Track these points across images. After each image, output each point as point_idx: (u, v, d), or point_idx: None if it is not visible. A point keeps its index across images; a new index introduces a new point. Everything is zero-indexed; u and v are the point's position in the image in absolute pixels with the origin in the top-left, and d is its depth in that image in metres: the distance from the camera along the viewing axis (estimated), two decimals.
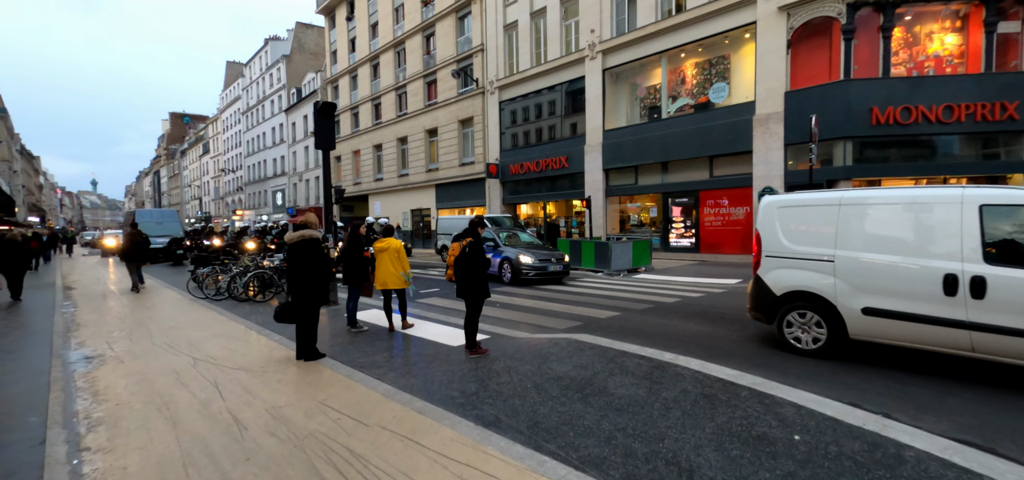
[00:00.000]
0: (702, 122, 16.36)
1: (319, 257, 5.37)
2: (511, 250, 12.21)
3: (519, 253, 11.94)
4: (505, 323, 7.35)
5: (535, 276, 11.68)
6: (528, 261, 11.68)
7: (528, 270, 11.63)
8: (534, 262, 11.71)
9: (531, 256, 11.82)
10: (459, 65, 26.02)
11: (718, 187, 16.33)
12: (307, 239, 5.31)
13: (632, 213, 19.49)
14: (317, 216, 15.53)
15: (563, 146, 21.12)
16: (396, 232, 16.49)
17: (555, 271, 11.96)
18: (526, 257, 11.76)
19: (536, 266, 11.70)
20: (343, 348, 6.05)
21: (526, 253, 11.95)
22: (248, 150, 55.02)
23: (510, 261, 11.83)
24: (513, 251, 12.10)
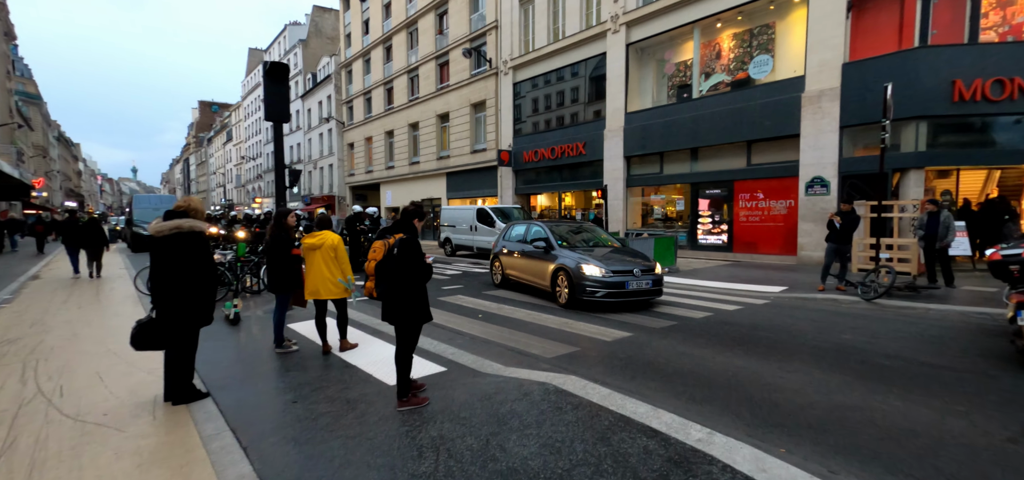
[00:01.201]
0: (739, 102, 14.18)
1: (200, 259, 3.77)
2: (569, 255, 8.15)
3: (582, 260, 7.82)
4: (476, 344, 5.64)
5: (607, 297, 7.44)
6: (595, 273, 7.53)
7: (595, 286, 7.46)
8: (604, 274, 7.50)
9: (600, 264, 7.65)
10: (472, 44, 24.27)
11: (756, 176, 14.15)
12: (184, 232, 3.72)
13: (656, 206, 17.44)
14: (333, 204, 13.30)
15: (581, 131, 19.16)
16: (381, 222, 14.68)
17: (639, 289, 7.63)
18: (592, 266, 7.63)
19: (607, 280, 7.45)
20: (246, 380, 4.46)
21: (592, 259, 7.80)
22: (267, 137, 54.71)
23: (567, 271, 7.85)
24: (572, 256, 8.02)
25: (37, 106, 66.56)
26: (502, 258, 10.20)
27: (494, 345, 5.62)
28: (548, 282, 8.40)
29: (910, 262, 10.46)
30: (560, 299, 8.02)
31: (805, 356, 5.05)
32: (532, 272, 9.00)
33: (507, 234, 10.60)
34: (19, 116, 50.66)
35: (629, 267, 7.76)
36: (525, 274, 9.26)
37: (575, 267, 7.74)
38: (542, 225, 9.50)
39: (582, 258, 7.87)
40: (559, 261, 8.14)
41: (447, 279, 11.53)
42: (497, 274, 10.37)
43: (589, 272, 7.57)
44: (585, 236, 9.55)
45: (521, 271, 9.45)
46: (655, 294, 7.98)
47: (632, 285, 7.59)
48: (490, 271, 10.78)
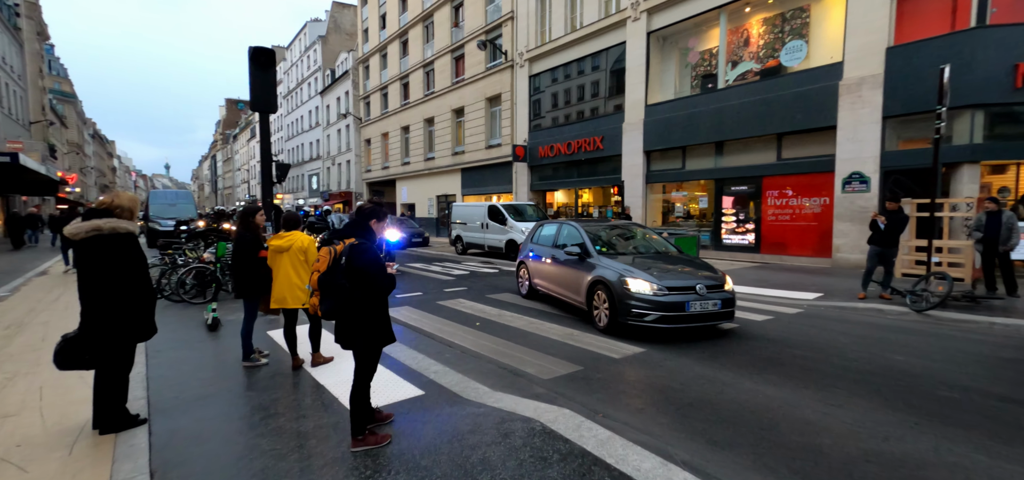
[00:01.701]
0: (769, 91, 13.15)
1: (125, 265, 3.22)
2: (610, 265, 6.31)
3: (627, 271, 5.98)
4: (465, 360, 4.98)
5: (661, 322, 5.57)
6: (643, 289, 5.69)
7: (643, 307, 5.62)
8: (655, 291, 5.64)
9: (651, 278, 5.78)
10: (487, 36, 23.62)
11: (787, 172, 13.11)
12: (103, 235, 3.17)
13: (677, 203, 16.50)
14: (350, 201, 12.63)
15: (599, 124, 18.31)
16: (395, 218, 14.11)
17: (703, 313, 5.69)
18: (640, 280, 5.78)
19: (661, 300, 5.58)
20: (198, 402, 3.92)
21: (640, 271, 5.95)
22: (288, 134, 55.28)
23: (607, 286, 6.04)
24: (614, 267, 6.20)
25: (72, 104, 68.75)
26: (529, 264, 8.61)
27: (485, 362, 4.96)
28: (583, 298, 6.57)
29: (963, 267, 9.40)
30: (598, 321, 6.18)
31: (851, 383, 4.24)
32: (564, 284, 7.22)
33: (536, 236, 8.92)
34: (53, 114, 52.34)
35: (690, 282, 5.83)
36: (556, 286, 7.54)
37: (617, 281, 5.90)
38: (577, 226, 7.63)
39: (626, 269, 6.03)
40: (597, 272, 6.33)
41: (452, 280, 10.93)
42: (523, 283, 8.80)
43: (636, 288, 5.70)
44: (631, 240, 7.69)
45: (552, 282, 7.70)
46: (724, 318, 5.88)
47: (695, 306, 5.59)
48: (516, 279, 9.28)
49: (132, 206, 3.32)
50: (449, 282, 10.59)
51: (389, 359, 4.87)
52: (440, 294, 9.04)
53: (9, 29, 35.34)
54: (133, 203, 3.34)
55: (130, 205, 3.31)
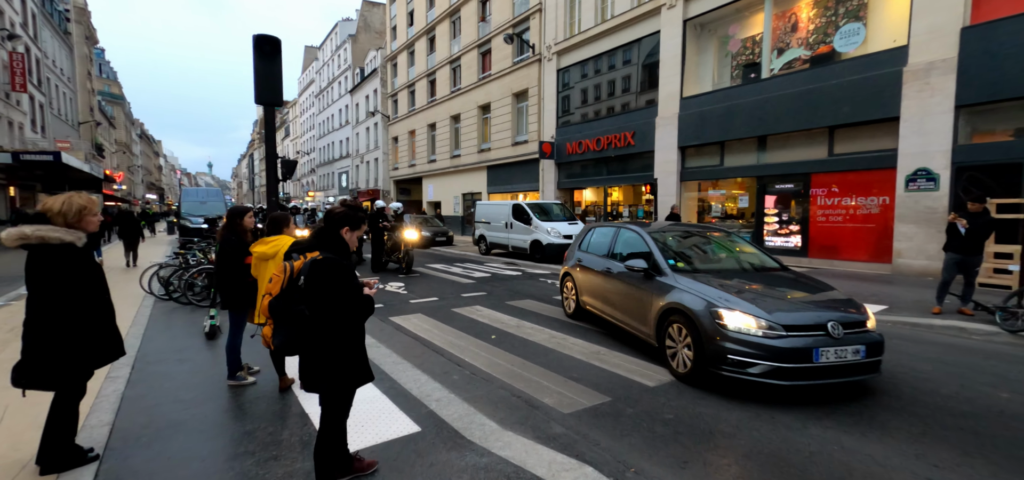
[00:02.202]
0: (820, 80, 11.98)
1: (56, 281, 2.72)
2: (692, 287, 4.59)
3: (719, 299, 4.29)
4: (474, 384, 4.35)
5: (775, 376, 3.84)
6: (746, 325, 4.00)
7: (747, 352, 3.91)
8: (766, 329, 3.94)
9: (757, 309, 4.07)
10: (515, 29, 22.96)
11: (840, 168, 11.92)
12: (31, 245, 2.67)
13: (714, 202, 15.42)
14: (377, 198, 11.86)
15: (630, 119, 17.38)
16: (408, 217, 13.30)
17: (840, 363, 3.89)
18: (740, 312, 4.08)
19: (775, 343, 3.86)
20: (164, 432, 3.43)
21: (738, 299, 4.24)
22: (319, 132, 56.18)
23: (691, 318, 4.36)
24: (699, 290, 4.50)
25: (120, 105, 72.03)
26: (576, 276, 6.94)
27: (497, 387, 4.32)
28: (652, 329, 4.86)
29: None
30: (675, 364, 4.50)
31: (950, 432, 3.39)
32: (624, 308, 5.53)
33: (585, 242, 7.19)
34: (102, 115, 54.86)
35: (816, 316, 4.02)
36: (613, 309, 5.83)
37: (705, 311, 4.21)
38: (639, 231, 5.88)
39: (719, 295, 4.28)
40: (673, 296, 4.60)
41: (471, 283, 10.35)
42: (569, 299, 7.17)
43: (735, 324, 4.00)
44: (712, 250, 5.93)
45: (607, 303, 6.00)
46: (870, 370, 4.03)
47: (827, 355, 3.80)
48: (560, 293, 7.65)
49: (67, 211, 2.77)
50: (468, 286, 10.01)
51: (388, 380, 4.29)
52: (457, 300, 8.46)
53: (59, 34, 36.98)
54: (70, 208, 2.78)
55: (63, 209, 2.77)
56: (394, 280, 10.75)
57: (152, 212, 37.40)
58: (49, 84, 33.10)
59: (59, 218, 2.74)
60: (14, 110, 25.60)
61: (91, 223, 2.92)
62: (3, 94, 24.14)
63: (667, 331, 4.70)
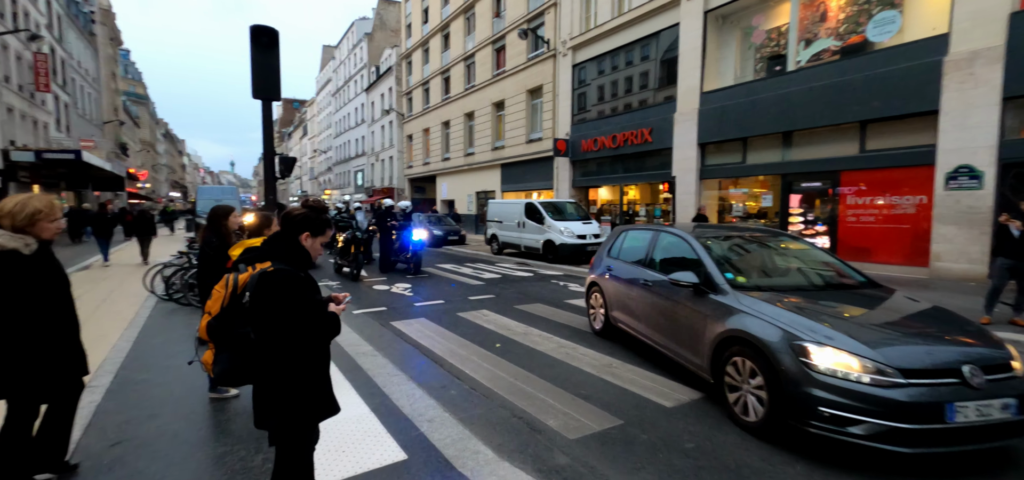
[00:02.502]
0: (851, 72, 11.29)
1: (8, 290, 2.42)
2: (763, 311, 3.52)
3: (803, 328, 3.23)
4: (472, 401, 3.98)
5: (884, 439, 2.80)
6: (845, 368, 2.97)
7: (845, 403, 2.90)
8: (876, 373, 2.89)
9: (859, 346, 3.02)
10: (529, 24, 22.53)
11: (872, 166, 11.22)
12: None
13: (735, 201, 14.78)
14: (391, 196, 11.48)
15: (647, 115, 16.81)
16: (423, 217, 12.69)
17: (982, 422, 2.80)
18: (835, 348, 3.05)
19: (886, 394, 2.81)
20: (132, 453, 3.14)
21: (834, 332, 3.15)
22: (336, 130, 56.57)
23: (761, 350, 3.34)
24: (772, 316, 3.42)
25: (145, 105, 73.78)
26: (605, 288, 5.91)
27: (497, 405, 3.94)
28: (705, 361, 3.88)
29: None
30: (742, 410, 3.51)
31: None
32: (667, 330, 4.51)
33: (615, 247, 6.17)
34: (126, 114, 56.16)
35: (945, 356, 3.00)
36: (652, 330, 4.80)
37: (783, 343, 3.21)
38: (684, 234, 4.85)
39: (800, 322, 3.28)
40: (736, 321, 3.59)
41: (481, 285, 9.99)
42: (596, 315, 6.13)
43: (828, 362, 3.02)
44: (780, 261, 4.71)
45: (643, 321, 4.99)
46: (1021, 432, 2.94)
47: (966, 412, 2.80)
48: (586, 307, 6.58)
49: (17, 213, 2.47)
50: (477, 288, 9.65)
51: (379, 396, 3.95)
52: (464, 303, 8.11)
53: (84, 35, 37.81)
54: (21, 211, 2.48)
55: (14, 211, 2.47)
56: (401, 281, 10.46)
57: (171, 210, 37.98)
58: (74, 84, 33.86)
59: (6, 220, 2.45)
60: (39, 110, 26.17)
61: (46, 230, 2.62)
62: (28, 94, 24.67)
63: (727, 363, 3.66)
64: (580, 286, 9.81)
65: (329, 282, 10.33)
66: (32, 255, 2.50)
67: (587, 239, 13.85)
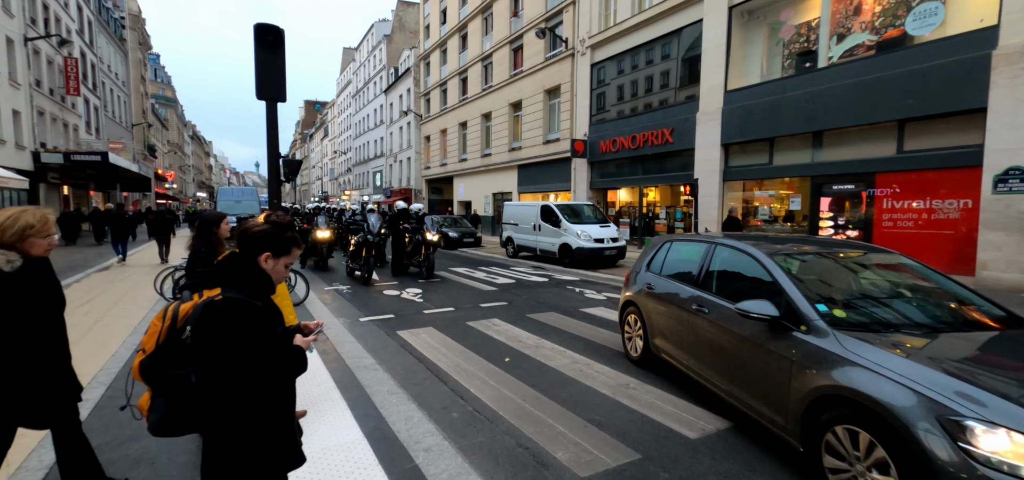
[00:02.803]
0: (889, 68, 10.62)
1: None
2: (901, 371, 2.42)
3: (954, 396, 2.20)
4: (475, 426, 3.66)
5: None
6: None
7: None
8: None
9: None
10: (548, 23, 22.17)
11: (911, 167, 10.53)
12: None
13: (761, 203, 14.16)
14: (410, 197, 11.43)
15: (668, 115, 16.28)
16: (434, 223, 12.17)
17: None
18: (1012, 431, 2.02)
19: None
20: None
21: (1002, 398, 2.14)
22: (356, 132, 57.09)
23: (899, 423, 2.28)
24: (907, 375, 2.39)
25: (173, 108, 75.85)
26: (644, 308, 4.94)
27: (502, 431, 3.61)
28: (792, 421, 2.94)
29: None
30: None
31: None
32: (732, 373, 3.57)
33: (654, 260, 5.20)
34: (155, 117, 57.76)
35: None
36: (710, 370, 3.83)
37: (925, 415, 2.24)
38: (754, 251, 3.74)
39: (949, 385, 2.28)
40: (843, 374, 2.64)
41: (493, 291, 9.68)
42: (633, 340, 5.19)
43: (1002, 447, 2.03)
44: (886, 287, 3.58)
45: (695, 356, 4.03)
46: None
47: None
48: (620, 328, 5.60)
49: (4, 228, 2.22)
50: (489, 294, 9.34)
51: (375, 418, 3.66)
52: (474, 310, 7.81)
53: (115, 40, 38.91)
54: (10, 226, 2.21)
55: (5, 223, 2.24)
56: (413, 286, 10.23)
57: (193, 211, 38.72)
58: (104, 88, 34.84)
59: None
60: (69, 113, 26.94)
61: (37, 245, 2.38)
62: (59, 98, 25.39)
63: (825, 434, 2.69)
64: (596, 293, 9.42)
65: (340, 286, 10.17)
66: (15, 273, 2.27)
67: (605, 243, 13.42)
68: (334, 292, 9.49)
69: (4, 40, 19.43)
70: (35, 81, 22.46)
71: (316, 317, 7.06)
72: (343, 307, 8.04)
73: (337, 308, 7.89)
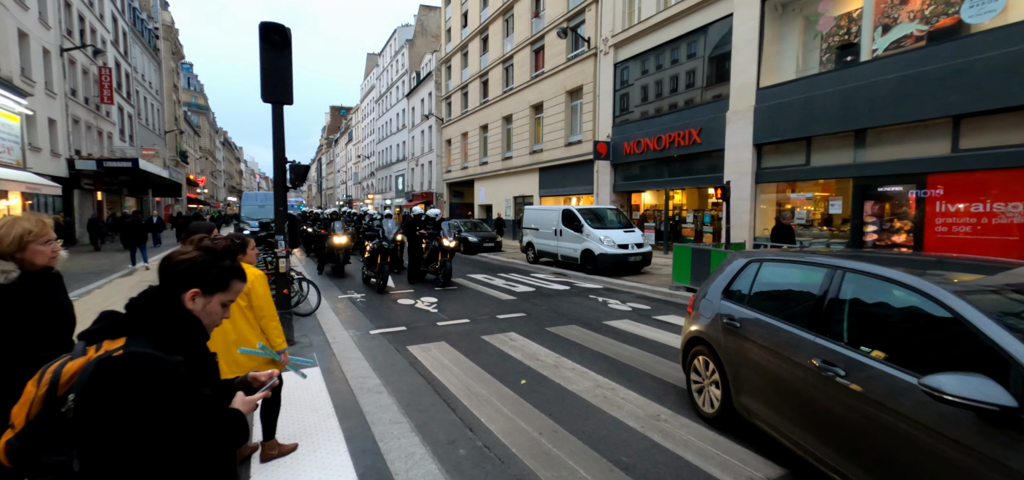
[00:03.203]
0: (941, 60, 9.76)
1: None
2: None
3: None
4: (482, 465, 3.23)
5: None
6: None
7: None
8: None
9: None
10: (569, 23, 21.68)
11: (968, 167, 9.63)
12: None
13: (797, 206, 13.32)
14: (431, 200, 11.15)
15: (695, 115, 15.58)
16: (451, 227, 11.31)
17: None
18: None
19: None
20: None
21: None
22: (379, 136, 57.61)
23: None
24: None
25: (205, 115, 78.23)
26: (725, 347, 3.74)
27: (514, 473, 3.17)
28: None
29: None
30: None
31: None
32: (894, 472, 2.38)
33: (736, 281, 3.98)
34: (187, 124, 59.60)
35: None
36: (849, 461, 2.61)
37: None
38: (936, 287, 2.49)
39: None
40: None
41: (512, 300, 9.25)
42: (706, 391, 3.98)
43: None
44: None
45: (821, 436, 2.80)
46: None
47: None
48: (684, 373, 4.37)
49: (2, 238, 1.95)
50: (507, 303, 8.91)
51: (372, 454, 3.27)
52: (491, 322, 7.39)
53: (148, 50, 40.17)
54: (6, 235, 1.95)
55: (0, 233, 1.97)
56: (428, 294, 9.88)
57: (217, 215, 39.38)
58: (138, 97, 35.95)
59: None
60: (104, 121, 27.79)
61: (39, 254, 2.06)
62: (94, 106, 26.21)
63: None
64: (621, 303, 8.88)
65: (354, 294, 9.90)
66: (10, 286, 1.95)
67: (629, 248, 12.84)
68: (347, 300, 9.22)
69: (41, 51, 20.08)
70: (70, 90, 23.19)
71: (326, 328, 6.77)
72: (354, 318, 7.73)
73: (348, 319, 7.59)
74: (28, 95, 17.48)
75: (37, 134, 19.10)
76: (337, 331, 6.58)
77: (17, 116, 16.69)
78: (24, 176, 15.60)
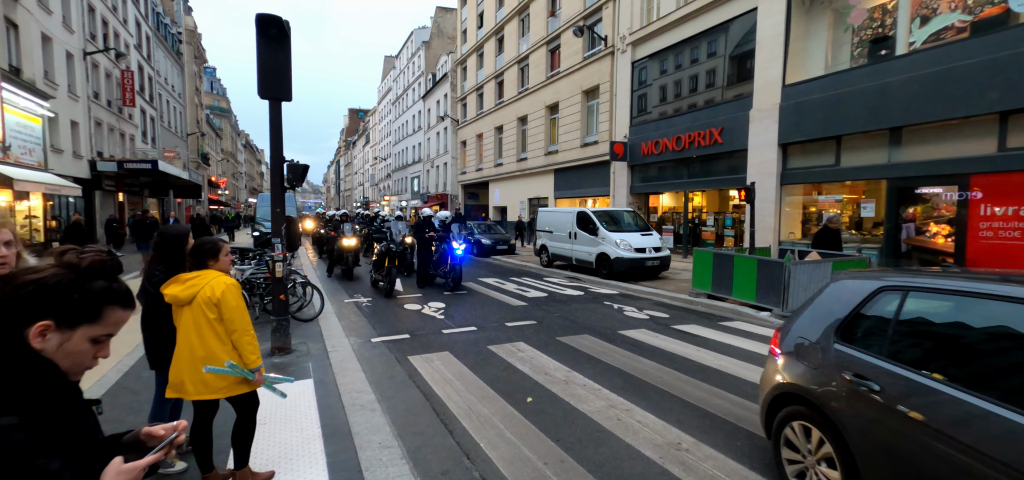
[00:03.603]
0: (986, 52, 9.06)
1: None
2: None
3: None
4: None
5: None
6: None
7: None
8: None
9: None
10: (586, 21, 21.22)
11: (1017, 167, 8.91)
12: None
13: (826, 209, 12.64)
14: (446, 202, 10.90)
15: (716, 114, 14.98)
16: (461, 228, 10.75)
17: None
18: None
19: None
20: None
21: None
22: (395, 138, 57.84)
23: None
24: None
25: (227, 118, 79.69)
26: (850, 415, 2.48)
27: None
28: None
29: None
30: None
31: None
32: None
33: (864, 317, 2.70)
34: (209, 127, 60.73)
35: None
36: None
37: None
38: None
39: None
40: None
41: (523, 306, 8.86)
42: (810, 471, 2.73)
43: None
44: None
45: None
46: None
47: None
48: (774, 450, 3.02)
49: None
50: (518, 310, 8.53)
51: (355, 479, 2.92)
52: (499, 330, 7.01)
53: (171, 54, 40.95)
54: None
55: None
56: (436, 299, 9.56)
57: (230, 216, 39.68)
58: (160, 99, 36.63)
59: None
60: (126, 123, 28.30)
61: None
62: (116, 109, 26.69)
63: None
64: (637, 311, 8.40)
65: (361, 298, 9.63)
66: None
67: (646, 253, 12.33)
68: (353, 305, 8.96)
69: (64, 54, 20.45)
70: (93, 93, 23.61)
71: (327, 335, 6.47)
72: (358, 324, 7.44)
73: (351, 325, 7.30)
74: (50, 98, 17.75)
75: (59, 136, 19.43)
76: (337, 338, 6.28)
77: (39, 118, 16.96)
78: (45, 177, 15.82)
